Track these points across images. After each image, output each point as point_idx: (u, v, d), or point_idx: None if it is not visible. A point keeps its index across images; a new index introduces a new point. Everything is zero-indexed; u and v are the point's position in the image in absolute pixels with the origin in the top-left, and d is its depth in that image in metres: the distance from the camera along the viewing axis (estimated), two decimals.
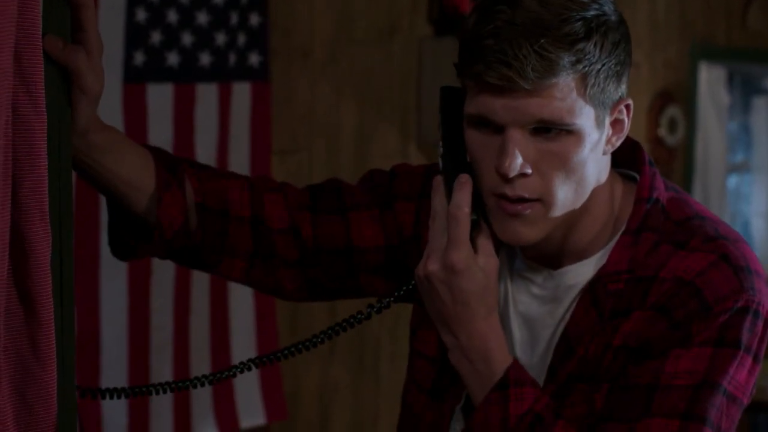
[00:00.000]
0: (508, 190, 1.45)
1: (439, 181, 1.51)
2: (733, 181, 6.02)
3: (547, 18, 1.40)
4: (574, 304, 1.54)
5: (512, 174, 1.43)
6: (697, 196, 5.21)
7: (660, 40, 5.19)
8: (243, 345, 3.42)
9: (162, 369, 3.23)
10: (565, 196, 1.47)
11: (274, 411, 3.51)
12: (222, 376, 1.57)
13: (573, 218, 1.51)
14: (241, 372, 1.59)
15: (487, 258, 1.48)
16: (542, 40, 1.38)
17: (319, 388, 3.75)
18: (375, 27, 3.81)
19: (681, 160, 5.37)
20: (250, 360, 1.60)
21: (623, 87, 1.49)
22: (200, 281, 3.29)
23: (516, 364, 1.50)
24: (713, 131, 5.47)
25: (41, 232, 1.22)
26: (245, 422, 3.45)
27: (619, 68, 1.46)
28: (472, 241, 1.48)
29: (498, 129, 1.44)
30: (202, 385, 1.57)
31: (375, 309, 1.59)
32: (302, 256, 1.68)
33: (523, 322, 1.59)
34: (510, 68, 1.38)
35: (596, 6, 1.44)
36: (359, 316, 1.60)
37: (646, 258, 1.51)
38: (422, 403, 1.65)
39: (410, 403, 1.70)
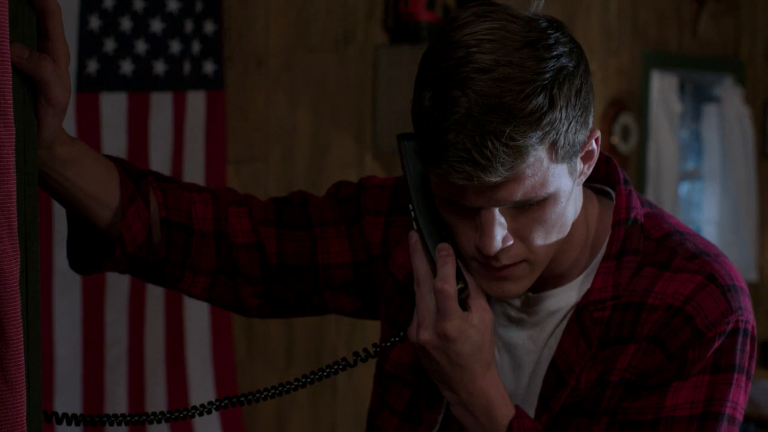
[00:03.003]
0: (493, 262, 1.41)
1: (415, 239, 1.48)
2: (684, 188, 6.05)
3: (507, 100, 1.28)
4: (558, 331, 1.52)
5: (494, 252, 1.38)
6: None
7: (612, 47, 5.21)
8: (199, 358, 3.37)
9: (117, 384, 3.17)
10: (548, 249, 1.44)
11: (231, 425, 3.46)
12: (181, 415, 1.52)
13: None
14: (200, 415, 1.54)
15: (482, 314, 1.46)
16: (507, 130, 1.28)
17: (276, 402, 3.71)
18: (330, 34, 3.78)
19: (634, 168, 5.38)
20: (212, 403, 1.55)
21: (590, 123, 1.41)
22: (155, 295, 3.23)
23: (519, 413, 1.48)
24: (665, 139, 5.49)
25: (9, 250, 1.17)
26: None
27: (585, 110, 1.37)
28: (464, 302, 1.46)
29: (471, 209, 1.39)
30: (159, 422, 1.52)
31: (361, 358, 1.57)
32: (265, 272, 1.65)
33: (503, 346, 1.58)
34: (476, 167, 1.30)
35: (552, 59, 1.32)
36: (341, 363, 1.57)
37: (631, 282, 1.48)
38: (394, 426, 1.63)
39: (380, 426, 1.67)
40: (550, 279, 1.53)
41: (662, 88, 5.47)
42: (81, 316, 3.07)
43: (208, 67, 3.34)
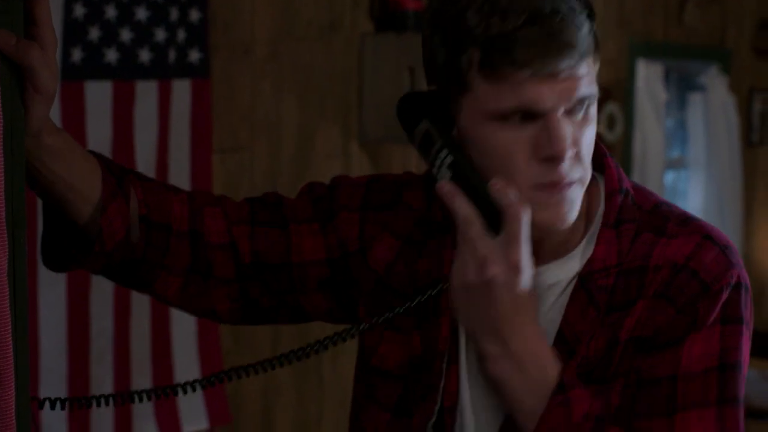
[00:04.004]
0: (557, 176, 1.41)
1: (450, 186, 1.43)
2: (669, 177, 6.05)
3: None
4: (558, 304, 1.50)
5: (568, 156, 1.40)
6: None
7: (598, 35, 5.19)
8: (185, 350, 3.35)
9: (102, 376, 3.15)
10: (588, 171, 1.46)
11: (217, 415, 3.45)
12: (164, 391, 1.50)
13: None
14: (185, 392, 1.53)
15: (529, 257, 1.44)
16: (575, 17, 1.38)
17: (262, 390, 3.70)
18: (316, 23, 3.76)
19: (619, 157, 5.38)
20: (198, 380, 1.55)
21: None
22: None
23: (566, 366, 1.45)
24: (651, 127, 5.49)
25: None
26: (188, 427, 3.39)
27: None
28: None
29: (533, 117, 1.40)
30: (141, 400, 1.52)
31: (341, 337, 1.54)
32: (240, 271, 1.62)
33: None
34: (562, 48, 1.36)
35: None
36: (353, 329, 1.55)
37: (631, 249, 1.49)
38: (387, 422, 1.60)
39: (367, 423, 1.64)
40: (546, 251, 1.51)
41: (648, 77, 5.47)
42: (66, 307, 3.05)
43: (194, 56, 3.32)
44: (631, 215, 1.51)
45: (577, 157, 1.42)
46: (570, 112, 1.40)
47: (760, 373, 4.99)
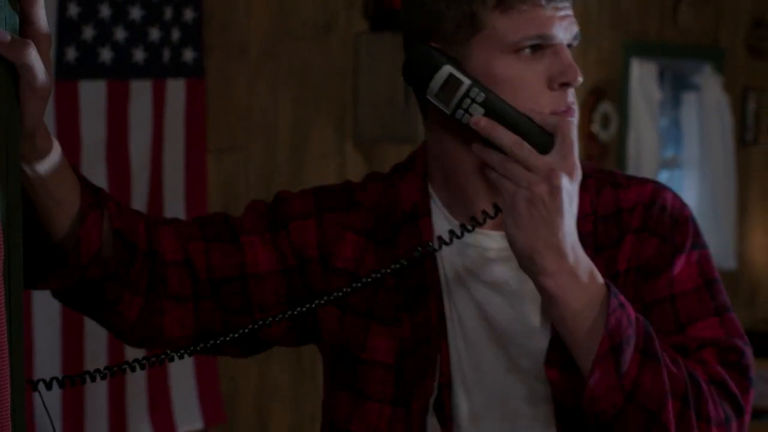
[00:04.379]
0: (569, 100, 1.57)
1: (487, 119, 1.51)
2: (664, 176, 6.05)
3: None
4: None
5: (580, 79, 1.55)
6: None
7: (592, 35, 5.20)
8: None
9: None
10: None
11: (211, 414, 3.45)
12: (159, 359, 1.49)
13: None
14: (171, 360, 1.51)
15: None
16: None
17: (257, 389, 3.70)
18: (311, 23, 3.76)
19: (614, 156, 5.39)
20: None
21: None
22: None
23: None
24: (645, 127, 5.49)
25: None
26: (182, 427, 3.39)
27: None
28: None
29: (539, 48, 1.55)
30: (142, 367, 1.49)
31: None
32: (196, 288, 1.62)
33: (491, 288, 1.60)
34: None
35: None
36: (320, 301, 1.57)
37: (598, 200, 1.64)
38: (388, 416, 1.61)
39: (366, 419, 1.63)
40: None
41: (642, 76, 5.47)
42: (60, 308, 3.04)
43: (188, 55, 3.32)
44: (589, 171, 1.62)
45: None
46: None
47: (757, 373, 5.00)
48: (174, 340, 1.63)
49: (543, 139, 1.50)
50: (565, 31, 1.55)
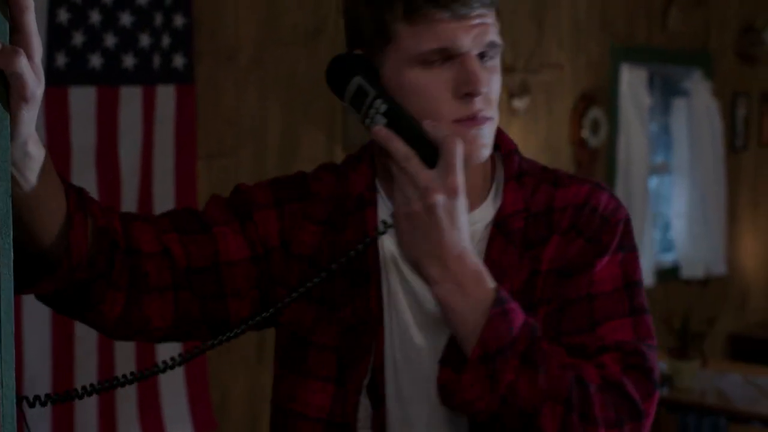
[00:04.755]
0: (474, 110, 1.58)
1: (386, 130, 1.56)
2: (654, 182, 6.06)
3: None
4: (480, 248, 1.65)
5: (484, 89, 1.56)
6: (619, 196, 5.23)
7: (582, 41, 5.21)
8: (169, 353, 3.34)
9: (86, 379, 3.15)
10: (497, 115, 1.63)
11: (202, 421, 3.45)
12: (147, 374, 1.50)
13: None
14: (172, 368, 1.53)
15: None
16: None
17: (248, 395, 3.70)
18: (301, 28, 3.76)
19: (604, 162, 5.39)
20: (174, 358, 1.54)
21: None
22: None
23: (499, 285, 1.57)
24: (635, 132, 5.50)
25: None
26: None
27: None
28: None
29: (449, 58, 1.57)
30: (131, 383, 1.50)
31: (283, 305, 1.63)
32: (175, 277, 1.65)
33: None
34: None
35: None
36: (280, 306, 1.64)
37: (533, 197, 1.69)
38: (328, 393, 1.67)
39: (305, 406, 1.69)
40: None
41: (632, 81, 5.48)
42: (50, 312, 3.04)
43: (178, 61, 3.32)
44: (529, 170, 1.72)
45: (488, 98, 1.59)
46: (481, 57, 1.58)
47: (743, 377, 5.00)
48: (155, 331, 1.66)
49: (432, 153, 1.55)
50: (473, 40, 1.57)
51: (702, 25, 6.09)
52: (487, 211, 1.69)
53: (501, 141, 1.72)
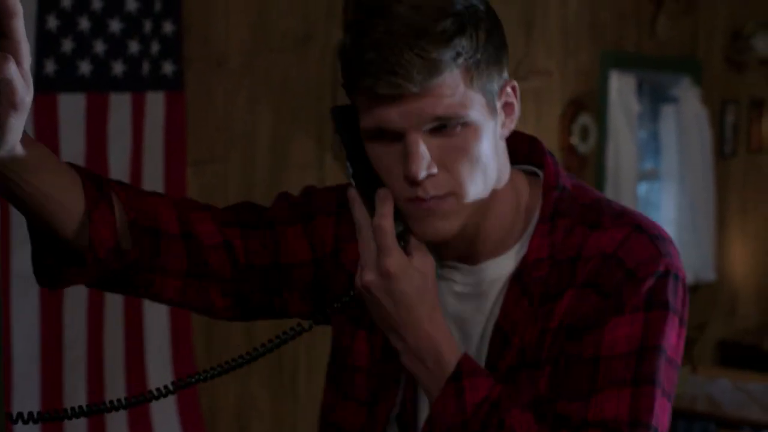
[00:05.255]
0: (420, 192, 1.48)
1: (354, 193, 1.54)
2: (643, 188, 6.07)
3: (420, 21, 1.44)
4: (501, 297, 1.58)
5: (421, 177, 1.46)
6: None
7: (571, 48, 5.22)
8: (158, 361, 3.34)
9: (76, 386, 3.13)
10: (475, 185, 1.51)
11: (191, 430, 3.43)
12: (138, 401, 1.49)
13: (483, 210, 1.55)
14: (157, 399, 1.52)
15: (423, 258, 1.53)
16: (421, 43, 1.42)
17: (237, 405, 3.69)
18: (291, 35, 3.76)
19: (593, 168, 5.40)
20: (168, 386, 1.53)
21: (505, 71, 1.55)
22: (114, 296, 3.20)
23: (467, 356, 1.53)
24: (624, 139, 5.51)
25: None
26: None
27: (497, 53, 1.51)
28: (405, 247, 1.52)
29: (397, 137, 1.48)
30: (117, 410, 1.49)
31: (298, 331, 1.57)
32: (235, 270, 1.66)
33: (453, 322, 1.61)
34: (396, 76, 1.42)
35: (463, 1, 1.49)
36: (285, 335, 1.58)
37: (564, 242, 1.56)
38: (363, 417, 1.66)
39: (342, 421, 1.68)
40: (487, 249, 1.60)
41: (621, 88, 5.49)
42: (39, 317, 3.03)
43: (167, 68, 3.31)
44: (566, 210, 1.58)
45: (450, 172, 1.49)
46: (437, 130, 1.48)
47: (733, 383, 5.01)
48: (219, 310, 1.70)
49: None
50: (410, 118, 1.45)
51: (690, 32, 6.10)
52: (509, 260, 1.59)
53: (545, 174, 1.62)
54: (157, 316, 3.32)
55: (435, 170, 1.47)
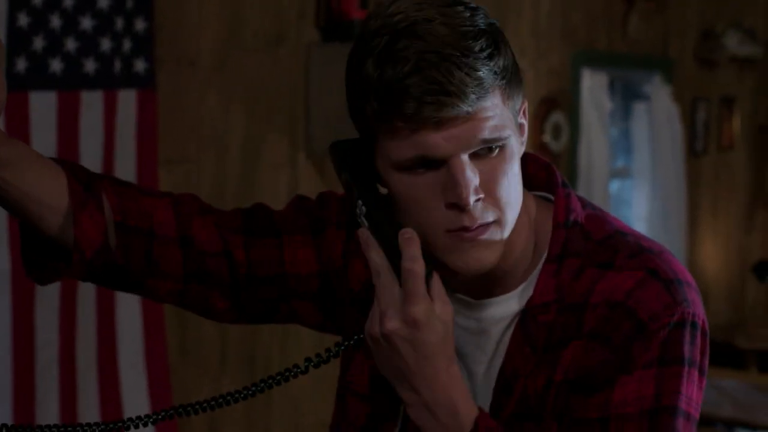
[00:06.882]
0: (467, 221, 1.38)
1: (367, 235, 1.42)
2: (615, 186, 6.09)
3: (460, 40, 1.35)
4: (506, 339, 1.48)
5: (472, 202, 1.36)
6: None
7: (543, 47, 5.23)
8: (131, 362, 3.33)
9: (48, 388, 3.12)
10: (513, 211, 1.42)
11: (163, 429, 3.42)
12: (116, 426, 1.46)
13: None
14: (136, 427, 1.46)
15: (444, 306, 1.39)
16: (467, 61, 1.34)
17: (209, 413, 3.67)
18: (263, 34, 3.75)
19: (565, 166, 5.41)
20: (149, 415, 1.48)
21: (523, 90, 1.45)
22: (86, 296, 3.18)
23: (483, 413, 1.42)
24: (596, 137, 5.52)
25: None
26: None
27: (516, 70, 1.43)
28: (428, 292, 1.39)
29: (436, 164, 1.38)
30: None
31: (313, 363, 1.48)
32: (234, 280, 1.60)
33: (455, 353, 1.50)
34: (450, 96, 1.33)
35: (480, 14, 1.41)
36: (294, 370, 1.49)
37: (573, 284, 1.45)
38: None
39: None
40: (494, 282, 1.49)
41: (592, 86, 5.51)
42: (10, 319, 3.01)
43: (139, 66, 3.30)
44: (576, 248, 1.47)
45: (492, 198, 1.40)
46: (478, 154, 1.38)
47: (708, 380, 5.04)
48: (219, 313, 1.62)
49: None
50: (458, 142, 1.36)
51: (662, 31, 6.12)
52: (513, 300, 1.49)
53: (555, 209, 1.50)
54: (129, 313, 3.30)
55: (482, 195, 1.37)
